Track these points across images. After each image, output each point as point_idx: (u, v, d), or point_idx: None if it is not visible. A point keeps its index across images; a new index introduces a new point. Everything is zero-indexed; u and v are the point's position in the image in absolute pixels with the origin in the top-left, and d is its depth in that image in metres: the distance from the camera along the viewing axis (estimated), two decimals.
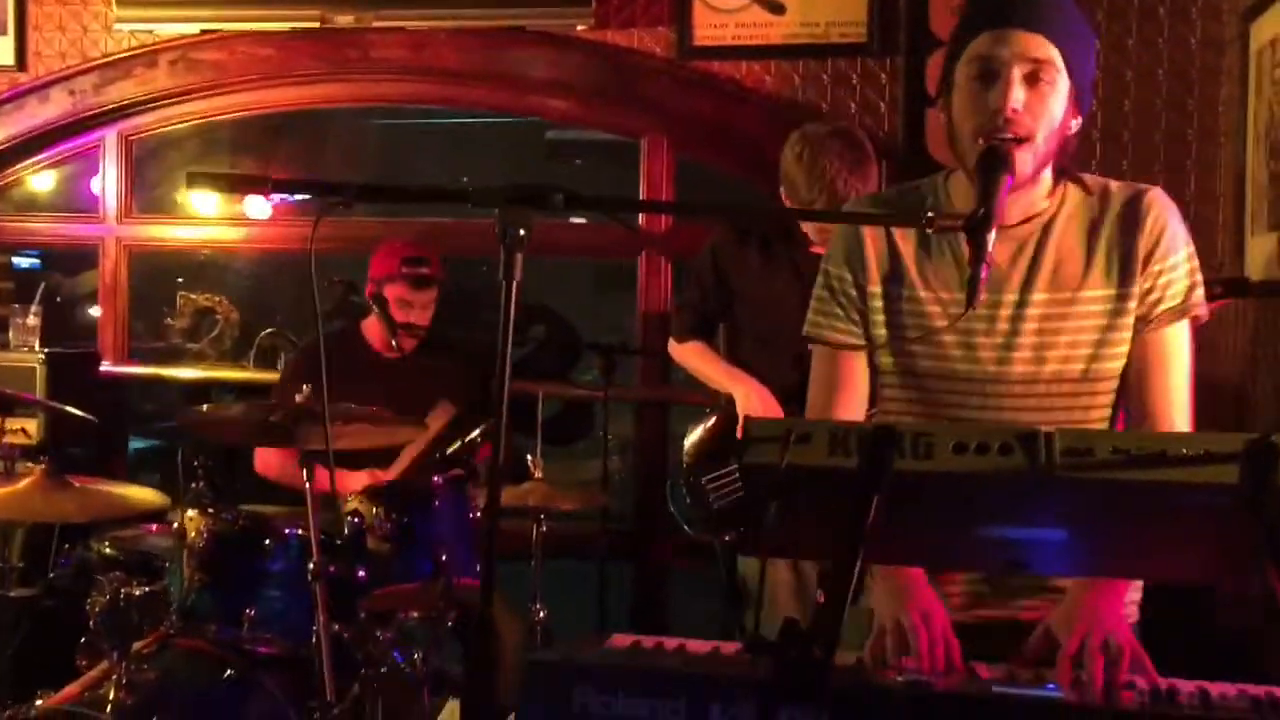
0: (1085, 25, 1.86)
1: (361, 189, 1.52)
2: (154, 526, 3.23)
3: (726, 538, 3.23)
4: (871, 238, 1.95)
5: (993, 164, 1.74)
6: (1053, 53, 1.76)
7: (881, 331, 1.95)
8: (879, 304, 1.95)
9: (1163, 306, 1.86)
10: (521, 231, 1.56)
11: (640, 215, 4.29)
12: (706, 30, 3.93)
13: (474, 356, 3.86)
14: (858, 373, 1.99)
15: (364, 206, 5.70)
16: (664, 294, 4.13)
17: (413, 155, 6.60)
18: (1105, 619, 1.69)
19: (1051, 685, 1.53)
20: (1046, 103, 1.77)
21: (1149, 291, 1.86)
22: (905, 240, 1.94)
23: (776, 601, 3.15)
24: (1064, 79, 1.78)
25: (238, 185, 1.57)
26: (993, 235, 1.68)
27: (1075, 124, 1.83)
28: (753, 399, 3.08)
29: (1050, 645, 1.70)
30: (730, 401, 3.26)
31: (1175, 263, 1.86)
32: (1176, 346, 1.88)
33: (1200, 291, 1.88)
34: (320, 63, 4.17)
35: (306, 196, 4.21)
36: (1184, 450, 1.30)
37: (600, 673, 1.51)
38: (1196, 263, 1.89)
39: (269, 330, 4.45)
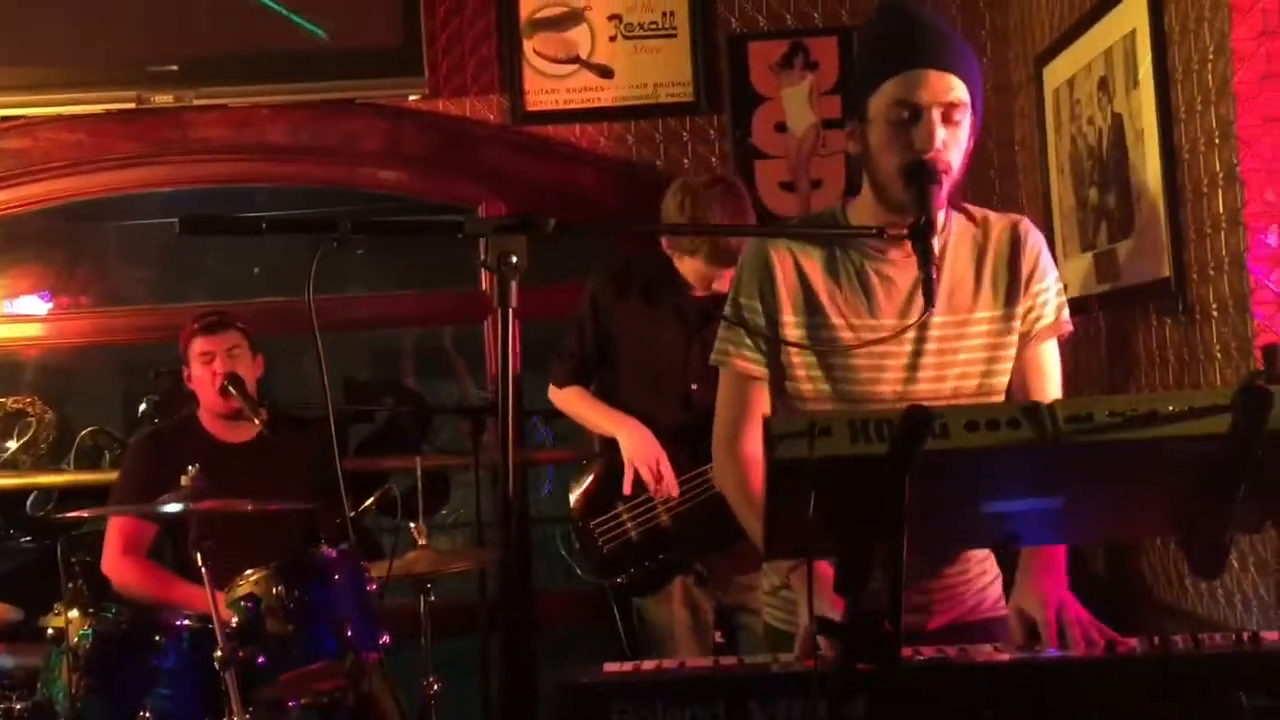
0: (974, 56, 2.04)
1: (356, 225, 1.49)
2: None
3: (619, 580, 3.26)
4: (781, 267, 2.05)
5: (924, 177, 1.88)
6: (964, 93, 1.93)
7: (796, 359, 2.04)
8: (795, 333, 2.04)
9: (1041, 324, 2.05)
10: (514, 259, 1.57)
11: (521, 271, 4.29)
12: (538, 96, 4.01)
13: (322, 433, 3.76)
14: (763, 399, 2.08)
15: (169, 292, 5.51)
16: (514, 357, 4.12)
17: (208, 245, 6.38)
18: (1064, 594, 1.83)
19: (1053, 650, 1.63)
20: (960, 138, 1.94)
21: (1030, 310, 2.04)
22: (813, 269, 2.05)
23: (675, 640, 3.19)
24: (969, 114, 1.95)
25: (230, 227, 1.51)
26: (936, 240, 1.82)
27: (971, 146, 2.00)
28: (637, 442, 3.14)
29: (1024, 622, 1.82)
30: (604, 451, 3.30)
31: (1049, 284, 2.06)
32: (1051, 360, 2.09)
33: (1067, 310, 2.09)
34: (137, 145, 4.00)
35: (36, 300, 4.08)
36: (1172, 407, 1.44)
37: (637, 687, 1.51)
38: (1062, 285, 2.09)
39: (90, 428, 4.19)
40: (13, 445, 4.15)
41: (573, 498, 3.29)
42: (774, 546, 1.61)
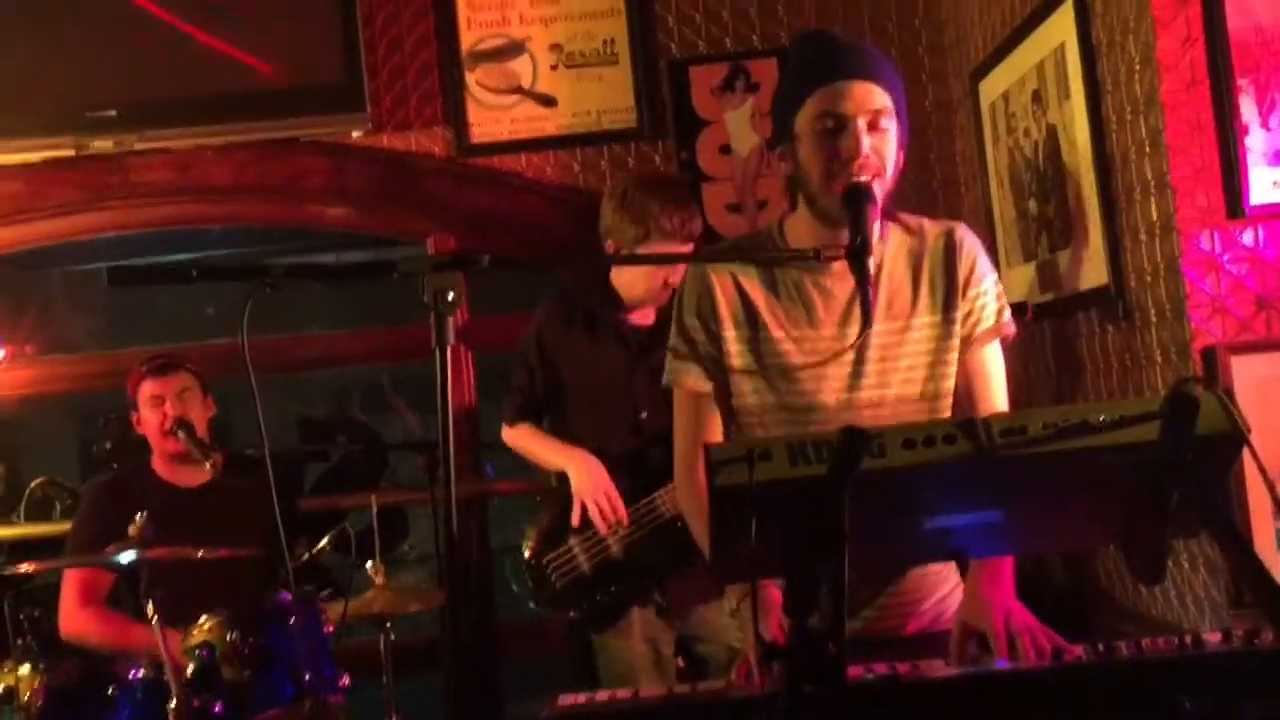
0: (897, 72, 2.08)
1: (289, 268, 1.49)
2: None
3: (573, 614, 3.24)
4: (721, 287, 2.09)
5: (859, 199, 1.92)
6: (886, 99, 1.97)
7: (741, 374, 2.07)
8: (736, 348, 2.08)
9: (981, 327, 2.08)
10: (450, 296, 1.57)
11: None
12: (482, 127, 4.01)
13: (279, 475, 3.72)
14: (716, 416, 2.12)
15: (119, 337, 5.47)
16: (468, 388, 4.12)
17: (157, 288, 6.33)
18: (1011, 604, 1.84)
19: (1002, 661, 1.65)
20: (888, 144, 1.98)
21: (969, 315, 2.08)
22: (753, 286, 2.08)
23: (636, 675, 3.16)
24: (895, 123, 1.98)
25: (160, 277, 1.50)
26: (871, 260, 1.85)
27: (900, 157, 2.04)
28: (586, 477, 3.12)
29: (969, 636, 1.83)
30: (558, 485, 3.28)
31: (987, 288, 2.09)
32: (994, 362, 2.12)
33: (1009, 313, 2.12)
34: (78, 191, 3.96)
35: None
36: (1103, 417, 1.46)
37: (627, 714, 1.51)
38: (1001, 288, 2.13)
39: (40, 479, 4.13)
40: None
41: (526, 531, 3.26)
42: (722, 571, 1.62)
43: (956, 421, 1.46)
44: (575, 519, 3.12)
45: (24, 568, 2.84)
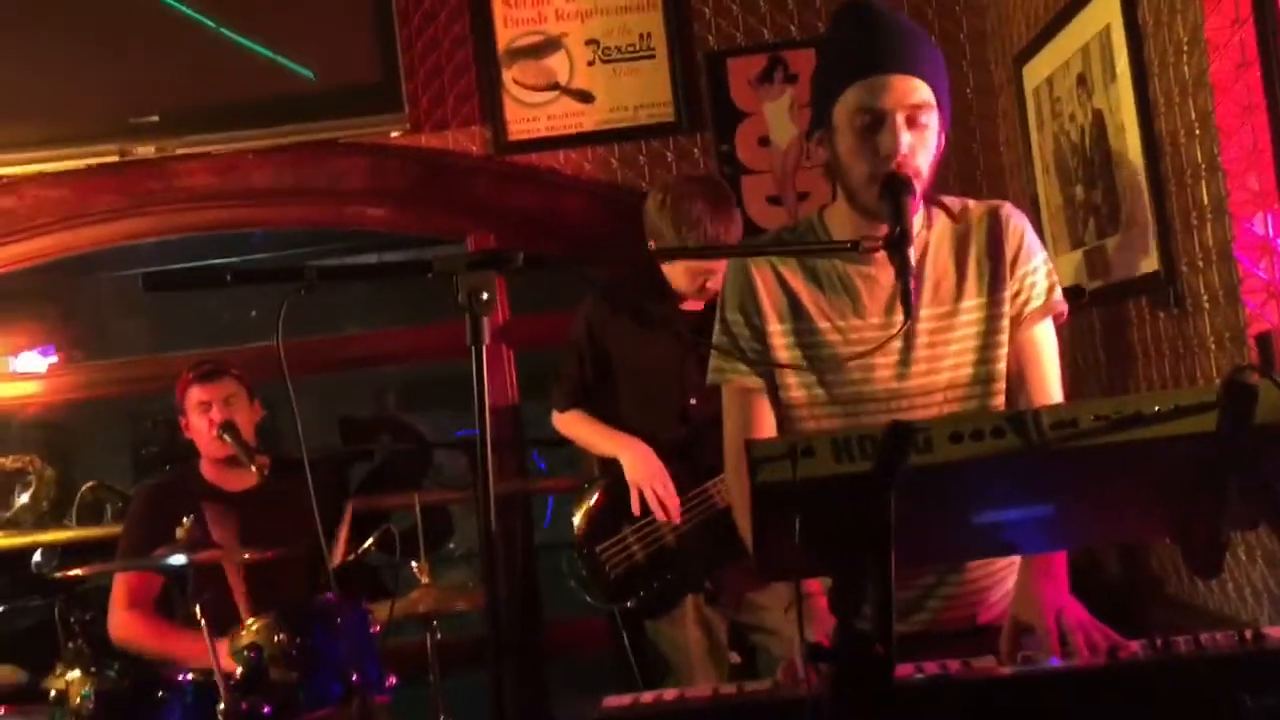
0: (937, 49, 2.02)
1: (323, 270, 1.48)
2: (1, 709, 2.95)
3: (630, 604, 3.23)
4: (762, 280, 2.05)
5: (898, 189, 1.87)
6: (927, 93, 1.91)
7: (787, 366, 2.03)
8: (781, 340, 2.04)
9: (1030, 306, 2.02)
10: (485, 295, 1.56)
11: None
12: (520, 125, 4.00)
13: (325, 477, 3.74)
14: (766, 410, 2.08)
15: (167, 340, 5.52)
16: (510, 386, 4.11)
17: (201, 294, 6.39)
18: (1064, 599, 1.80)
19: (1055, 659, 1.61)
20: (927, 140, 1.93)
21: (1017, 294, 2.02)
22: (794, 277, 2.04)
23: (691, 663, 3.16)
24: (937, 114, 1.93)
25: (195, 282, 1.50)
26: (912, 251, 1.81)
27: (942, 142, 1.98)
28: (639, 465, 3.14)
29: (1021, 633, 1.80)
30: (605, 472, 3.28)
31: (1036, 265, 2.03)
32: (1046, 342, 2.06)
33: (1059, 291, 2.06)
34: (122, 198, 4.00)
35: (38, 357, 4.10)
36: (1157, 408, 1.42)
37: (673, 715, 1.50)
38: (1052, 265, 2.07)
39: (90, 484, 4.18)
40: (15, 504, 4.13)
41: (576, 522, 3.27)
42: (765, 569, 1.59)
43: (1006, 414, 1.42)
44: (635, 507, 3.12)
45: (74, 571, 2.85)
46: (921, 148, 1.91)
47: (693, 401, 3.15)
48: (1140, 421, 1.41)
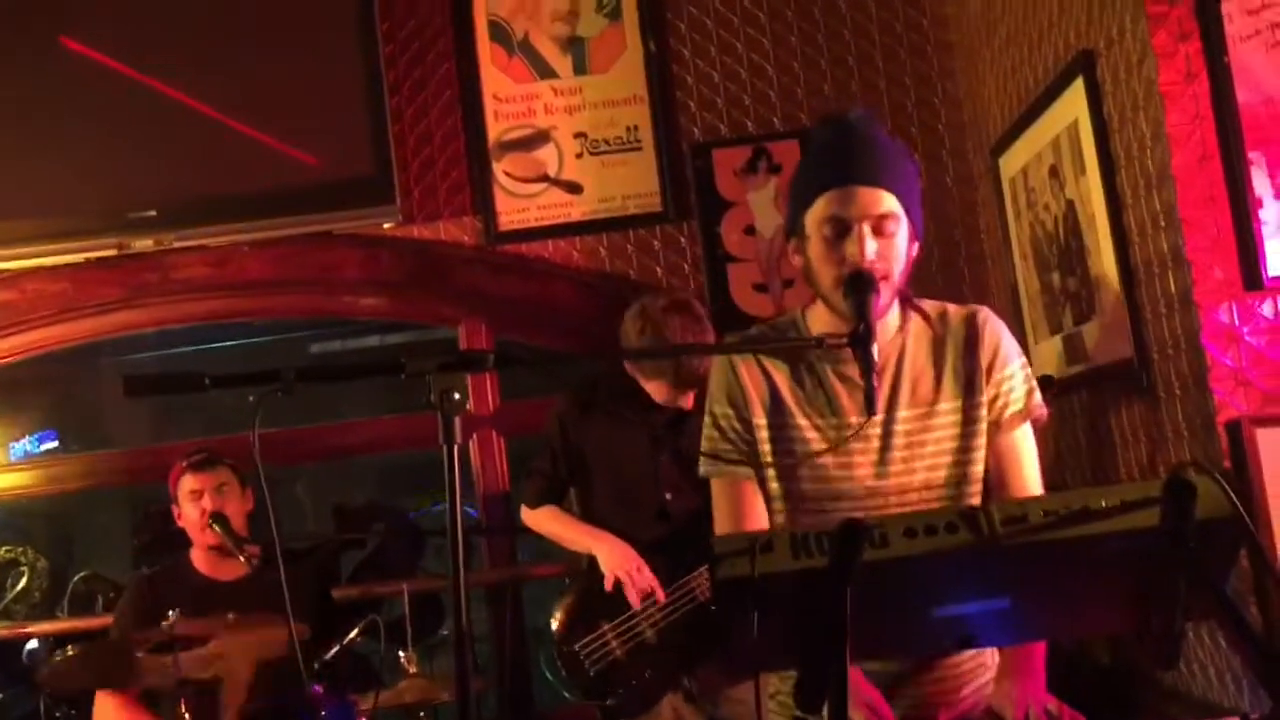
0: (909, 160, 2.09)
1: (298, 372, 1.53)
2: None
3: (609, 702, 3.21)
4: (748, 374, 2.10)
5: (860, 287, 1.93)
6: (893, 204, 1.98)
7: (769, 460, 2.08)
8: (764, 434, 2.08)
9: (1009, 411, 2.06)
10: (456, 395, 1.61)
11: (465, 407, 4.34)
12: (510, 215, 4.09)
13: (313, 566, 3.76)
14: (756, 500, 2.11)
15: (165, 428, 5.56)
16: (500, 473, 4.15)
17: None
18: (1037, 691, 1.83)
19: None
20: (896, 246, 1.99)
21: (995, 399, 2.06)
22: (778, 374, 2.09)
23: None
24: (904, 221, 2.00)
25: (174, 385, 1.55)
26: (875, 348, 1.86)
27: (915, 249, 2.04)
28: (615, 554, 3.14)
29: None
30: (588, 568, 3.29)
31: (1012, 371, 2.08)
32: (1025, 446, 2.10)
33: (1038, 395, 2.10)
34: (119, 289, 4.07)
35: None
36: (1104, 503, 1.46)
37: None
38: (1030, 370, 2.12)
39: (82, 574, 4.20)
40: (8, 594, 4.15)
41: (555, 621, 3.26)
42: (733, 665, 1.62)
43: (958, 510, 1.47)
44: (608, 585, 3.11)
45: (60, 685, 2.83)
46: (890, 254, 1.97)
47: (669, 497, 3.17)
48: (1087, 517, 1.45)
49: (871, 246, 1.94)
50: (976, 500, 2.05)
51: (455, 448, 1.59)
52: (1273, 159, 2.55)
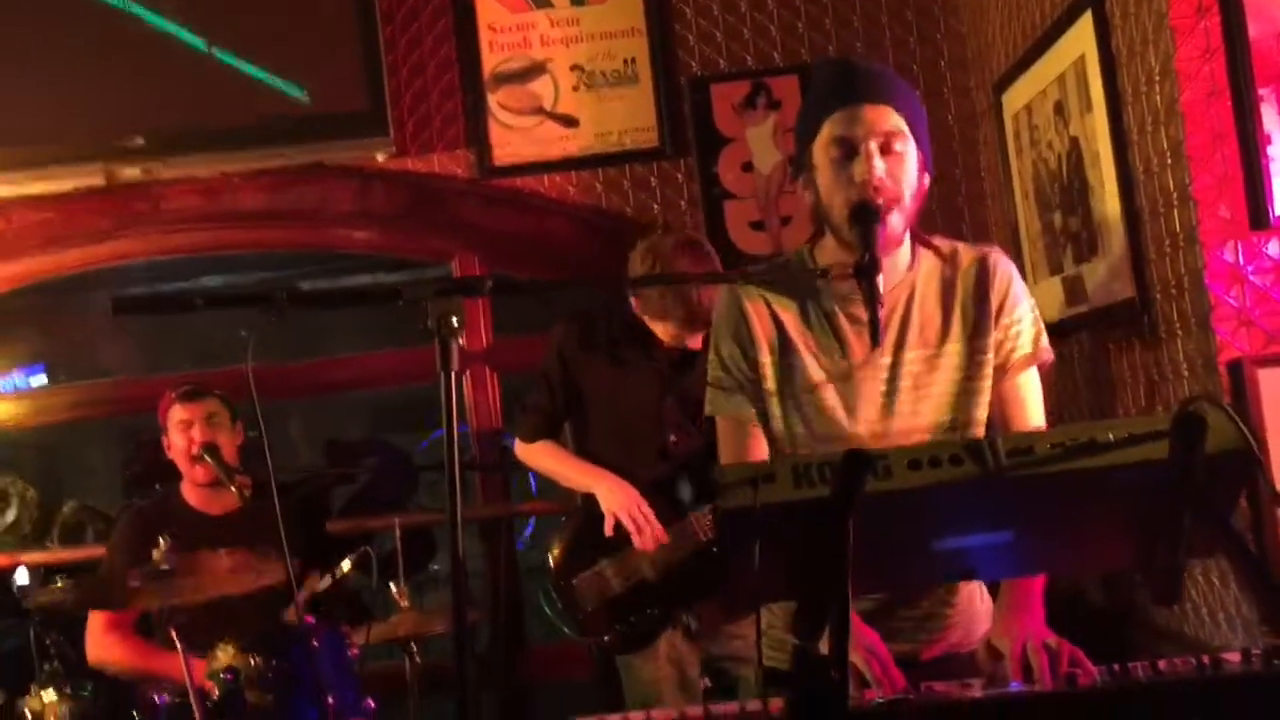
0: (914, 92, 2.05)
1: (291, 296, 1.50)
2: None
3: (606, 638, 3.20)
4: (755, 314, 2.07)
5: (865, 217, 1.89)
6: (900, 122, 1.94)
7: (774, 398, 2.05)
8: (770, 372, 2.05)
9: (1016, 355, 2.04)
10: (454, 321, 1.57)
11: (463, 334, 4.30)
12: (504, 149, 4.03)
13: (305, 499, 3.75)
14: (760, 441, 2.09)
15: (156, 361, 5.52)
16: (493, 409, 4.13)
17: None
18: (1036, 626, 1.82)
19: (1015, 684, 1.62)
20: (904, 166, 1.94)
21: (1002, 343, 2.03)
22: (785, 311, 2.06)
23: (662, 699, 3.13)
24: (912, 144, 1.96)
25: (166, 306, 1.52)
26: (880, 278, 1.83)
27: (925, 180, 2.00)
28: (616, 494, 3.08)
29: (995, 658, 1.81)
30: (584, 504, 3.26)
31: (1021, 315, 2.04)
32: (1030, 390, 2.07)
33: (1045, 339, 2.07)
34: (108, 220, 4.02)
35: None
36: (1111, 436, 1.44)
37: None
38: (1038, 313, 2.08)
39: (72, 505, 4.18)
40: None
41: (552, 556, 3.24)
42: (734, 597, 1.60)
43: (964, 442, 1.44)
44: (609, 529, 3.08)
45: (50, 601, 2.84)
46: (899, 174, 1.93)
47: (673, 439, 3.13)
48: (1094, 449, 1.43)
49: (880, 165, 1.90)
50: None
51: (453, 374, 1.55)
52: None
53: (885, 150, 1.92)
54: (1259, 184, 2.50)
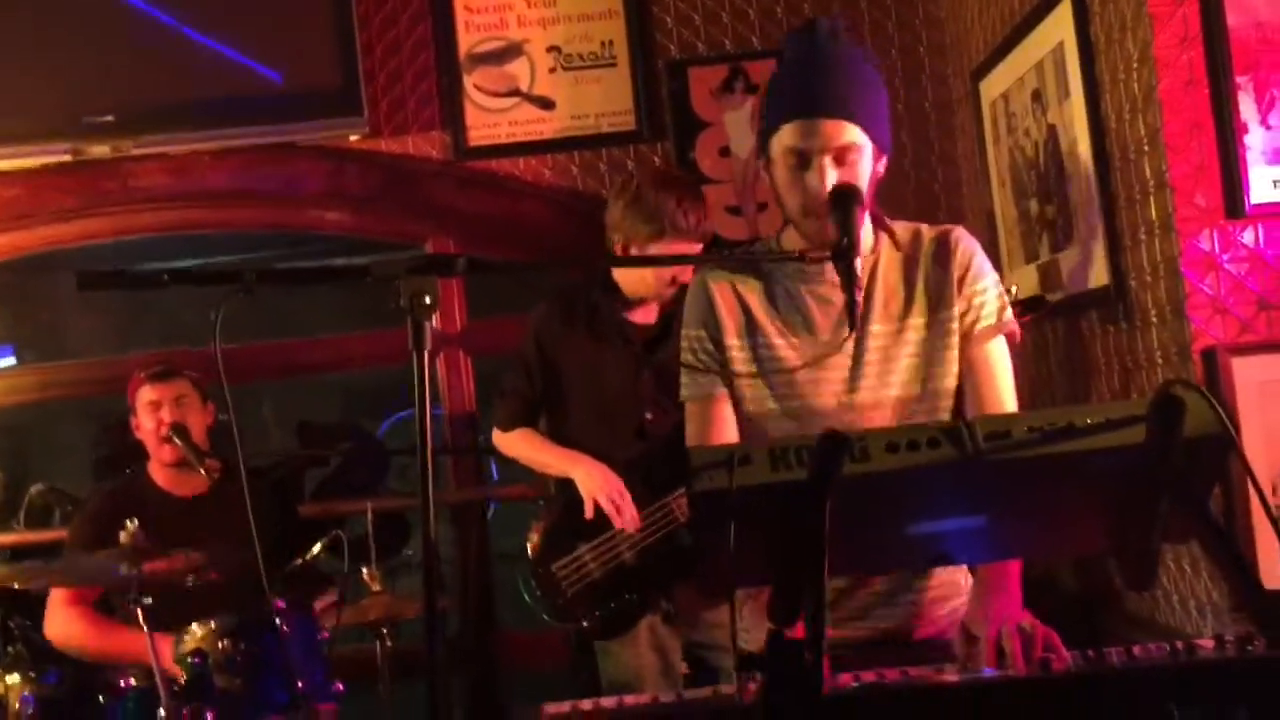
0: (875, 77, 2.05)
1: (260, 274, 1.47)
2: None
3: (585, 624, 3.18)
4: (721, 296, 2.10)
5: (845, 203, 1.91)
6: (855, 135, 1.97)
7: (743, 380, 2.06)
8: (738, 354, 2.08)
9: (980, 325, 2.05)
10: (427, 299, 1.55)
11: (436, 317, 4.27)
12: (480, 130, 3.99)
13: (275, 483, 3.71)
14: (725, 414, 2.10)
15: (125, 341, 5.46)
16: (467, 393, 4.10)
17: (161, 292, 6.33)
18: (1012, 610, 1.82)
19: (988, 670, 1.62)
20: (858, 171, 1.99)
21: (965, 313, 2.05)
22: (751, 295, 2.09)
23: (643, 685, 3.11)
24: (868, 149, 1.99)
25: (132, 282, 1.49)
26: (859, 261, 1.83)
27: (881, 165, 2.04)
28: (594, 477, 3.05)
29: (970, 641, 1.81)
30: (559, 490, 3.24)
31: (985, 286, 2.07)
32: (998, 359, 2.08)
33: (1010, 311, 2.09)
34: (75, 198, 3.95)
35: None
36: (1089, 420, 1.43)
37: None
38: (1003, 288, 2.10)
39: (39, 486, 4.13)
40: None
41: (530, 543, 3.21)
42: (708, 580, 1.59)
43: (941, 425, 1.44)
44: (589, 513, 3.05)
45: (15, 583, 2.79)
46: (854, 178, 1.97)
47: (649, 417, 3.11)
48: (1072, 433, 1.42)
49: (832, 176, 1.96)
50: (948, 415, 2.03)
51: (426, 354, 1.53)
52: (1260, 84, 2.51)
53: (839, 162, 1.97)
54: (1235, 172, 2.50)
